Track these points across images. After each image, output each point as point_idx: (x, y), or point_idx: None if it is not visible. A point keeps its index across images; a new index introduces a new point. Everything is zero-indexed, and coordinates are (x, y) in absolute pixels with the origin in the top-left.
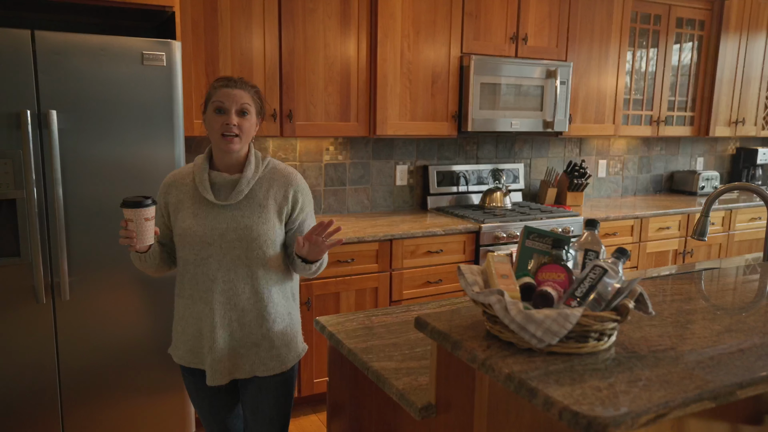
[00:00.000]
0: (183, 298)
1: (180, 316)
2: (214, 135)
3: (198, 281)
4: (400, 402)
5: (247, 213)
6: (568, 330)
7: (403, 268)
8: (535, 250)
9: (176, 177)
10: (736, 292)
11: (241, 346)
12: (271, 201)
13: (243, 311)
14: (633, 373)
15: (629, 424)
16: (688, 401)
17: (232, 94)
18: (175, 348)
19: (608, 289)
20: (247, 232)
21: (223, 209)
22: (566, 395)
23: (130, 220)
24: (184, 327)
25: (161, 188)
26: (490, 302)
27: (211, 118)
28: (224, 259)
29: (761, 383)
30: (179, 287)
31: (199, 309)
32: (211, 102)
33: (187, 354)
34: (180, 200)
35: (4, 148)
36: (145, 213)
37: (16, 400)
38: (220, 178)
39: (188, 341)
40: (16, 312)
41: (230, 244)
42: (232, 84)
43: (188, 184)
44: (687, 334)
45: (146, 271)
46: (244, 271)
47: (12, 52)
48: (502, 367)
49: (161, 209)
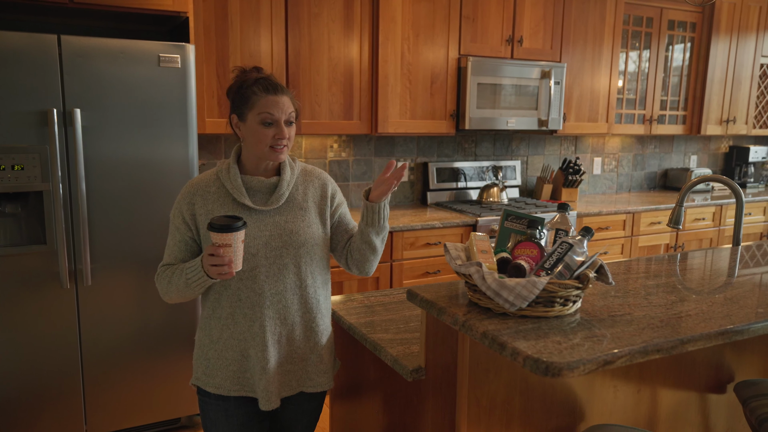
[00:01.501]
0: (219, 320)
1: (214, 339)
2: (260, 146)
3: (241, 297)
4: (394, 366)
5: (290, 217)
6: (536, 295)
7: (403, 259)
8: (513, 230)
9: (198, 185)
10: (698, 271)
11: (289, 362)
12: (310, 203)
13: (293, 325)
14: (590, 332)
15: (581, 369)
16: (633, 352)
17: (280, 104)
18: (209, 376)
19: (574, 261)
20: (294, 237)
21: (263, 215)
22: (530, 347)
23: (227, 245)
24: (221, 351)
25: (183, 198)
26: (470, 272)
27: (257, 130)
28: (271, 269)
29: (700, 340)
30: (212, 308)
31: (243, 328)
32: (254, 111)
33: (228, 381)
34: (209, 210)
35: (33, 144)
36: (242, 235)
37: (42, 379)
38: (256, 182)
39: (229, 366)
40: (42, 296)
41: (276, 252)
42: (276, 90)
43: (214, 192)
44: (645, 303)
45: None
46: (292, 281)
47: (40, 55)
48: (479, 327)
49: (186, 223)
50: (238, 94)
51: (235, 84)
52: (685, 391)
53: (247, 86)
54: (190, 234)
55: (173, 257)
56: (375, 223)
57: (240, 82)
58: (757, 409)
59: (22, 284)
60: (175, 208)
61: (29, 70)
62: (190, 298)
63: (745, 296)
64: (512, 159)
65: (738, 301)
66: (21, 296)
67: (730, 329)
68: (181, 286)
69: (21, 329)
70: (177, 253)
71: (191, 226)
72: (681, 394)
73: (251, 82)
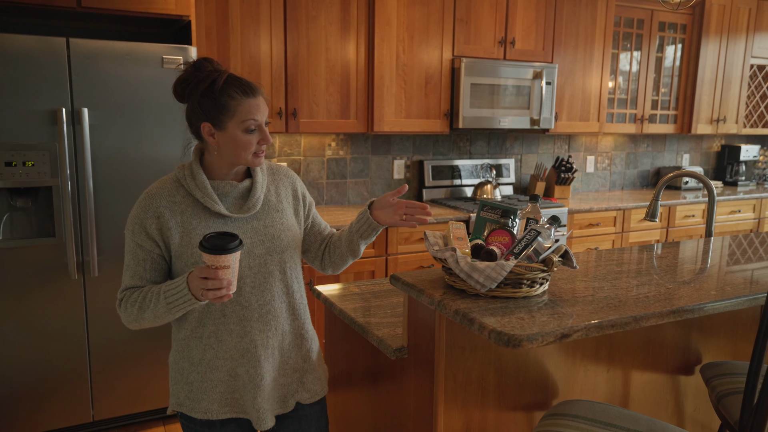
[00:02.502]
0: (200, 339)
1: (194, 361)
2: (243, 154)
3: (226, 313)
4: (379, 347)
5: (269, 221)
6: (504, 276)
7: (398, 253)
8: (488, 219)
9: (160, 195)
10: (666, 259)
11: (282, 376)
12: (284, 203)
13: (283, 335)
14: (553, 310)
15: (539, 341)
16: (589, 327)
17: (261, 107)
18: (194, 401)
19: (541, 247)
20: (277, 242)
21: (240, 223)
22: (496, 322)
23: (225, 267)
24: (204, 373)
25: (143, 212)
26: (445, 257)
27: (240, 138)
28: (257, 279)
29: (652, 317)
30: (191, 328)
31: (229, 346)
32: (236, 119)
33: (215, 404)
34: (182, 222)
35: (43, 142)
36: (239, 254)
37: (51, 366)
38: (228, 188)
39: (215, 388)
40: (51, 287)
41: (260, 260)
42: (254, 92)
43: (180, 201)
44: (608, 287)
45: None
46: (279, 288)
47: (50, 57)
48: (452, 306)
49: (152, 239)
50: (209, 99)
51: (198, 85)
52: (654, 373)
53: (221, 90)
54: (158, 251)
55: (138, 278)
56: (369, 237)
57: (206, 83)
58: (717, 387)
59: (32, 275)
60: (134, 224)
61: (39, 71)
62: (166, 322)
63: (704, 281)
64: (506, 157)
65: (695, 284)
66: (31, 287)
67: (681, 308)
68: (160, 312)
69: (31, 318)
70: (143, 273)
71: (159, 242)
72: (651, 375)
73: (223, 84)
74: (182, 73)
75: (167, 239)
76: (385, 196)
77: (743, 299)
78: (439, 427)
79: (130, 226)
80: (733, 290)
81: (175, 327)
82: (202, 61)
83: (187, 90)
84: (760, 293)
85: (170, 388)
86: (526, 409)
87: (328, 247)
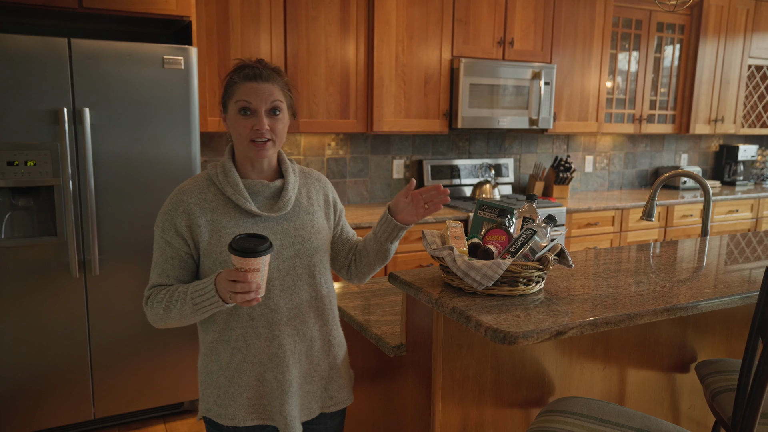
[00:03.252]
0: (228, 343)
1: (223, 365)
2: (241, 140)
3: (254, 317)
4: (378, 344)
5: (299, 223)
6: (500, 275)
7: (398, 252)
8: (485, 218)
9: (191, 192)
10: (661, 258)
11: (308, 382)
12: (316, 206)
13: (311, 341)
14: (549, 308)
15: (534, 338)
16: (583, 324)
17: (259, 91)
18: (221, 407)
19: (537, 246)
20: (307, 244)
21: (270, 223)
22: (492, 320)
23: (255, 270)
24: (232, 378)
25: (174, 208)
26: (443, 255)
27: (236, 121)
28: (285, 281)
29: (646, 315)
30: (220, 331)
31: (258, 350)
32: (233, 100)
33: (242, 411)
34: (212, 220)
35: (44, 141)
36: (269, 257)
37: (53, 364)
38: (259, 186)
39: (242, 393)
40: (52, 285)
41: (289, 262)
42: (257, 77)
43: (211, 199)
44: (604, 285)
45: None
46: (307, 293)
47: (51, 57)
48: (449, 303)
49: (181, 236)
50: (224, 85)
51: None
52: (650, 370)
53: (230, 74)
54: (186, 249)
55: (166, 276)
56: (396, 238)
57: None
58: (711, 385)
59: (34, 274)
60: (164, 221)
61: (41, 71)
62: (192, 322)
63: (698, 279)
64: (505, 157)
65: (690, 283)
66: (33, 285)
67: (675, 306)
68: (186, 312)
69: (33, 317)
70: (170, 271)
71: (188, 240)
72: (647, 372)
73: (233, 69)
74: None
75: (196, 237)
76: (398, 200)
77: (737, 297)
78: (436, 424)
79: (159, 222)
80: (726, 289)
81: (202, 329)
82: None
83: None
84: (753, 292)
85: (200, 393)
86: (523, 406)
87: (355, 256)
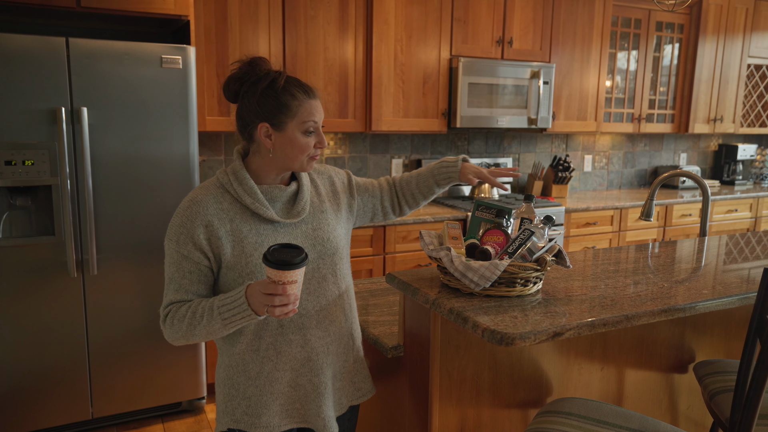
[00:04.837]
0: (257, 353)
1: (252, 376)
2: (300, 157)
3: (283, 324)
4: (375, 345)
5: (316, 224)
6: (498, 275)
7: (396, 252)
8: (483, 219)
9: (206, 202)
10: (659, 258)
11: (339, 380)
12: (326, 203)
13: (339, 338)
14: (547, 309)
15: (531, 339)
16: (581, 325)
17: (319, 108)
18: (253, 416)
19: (535, 246)
20: (327, 244)
21: (290, 228)
22: (490, 321)
23: (293, 282)
24: (263, 387)
25: (190, 220)
26: (440, 256)
27: (299, 140)
28: (311, 284)
29: (644, 316)
30: (248, 342)
31: (289, 357)
32: (297, 120)
33: (276, 417)
34: (233, 230)
35: (42, 141)
36: (305, 269)
37: (51, 364)
38: (277, 193)
39: (276, 400)
40: (50, 285)
41: (313, 264)
42: (314, 93)
43: (228, 209)
44: (601, 286)
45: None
46: (333, 292)
47: (49, 56)
48: (447, 304)
49: (200, 249)
50: (270, 98)
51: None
52: (648, 371)
53: (283, 89)
54: (206, 262)
55: (184, 292)
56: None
57: (266, 81)
58: (709, 385)
59: (32, 274)
60: (178, 234)
61: (39, 70)
62: (218, 337)
63: (696, 280)
64: (504, 156)
65: (688, 284)
66: (30, 285)
67: (673, 307)
68: (215, 328)
69: (30, 316)
70: (188, 286)
71: (208, 253)
72: (645, 373)
73: (284, 83)
74: (236, 71)
75: (217, 250)
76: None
77: (735, 298)
78: (434, 425)
79: (173, 236)
80: (725, 289)
81: (227, 342)
82: (257, 60)
83: (243, 88)
84: (751, 292)
85: (221, 405)
86: (521, 407)
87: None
